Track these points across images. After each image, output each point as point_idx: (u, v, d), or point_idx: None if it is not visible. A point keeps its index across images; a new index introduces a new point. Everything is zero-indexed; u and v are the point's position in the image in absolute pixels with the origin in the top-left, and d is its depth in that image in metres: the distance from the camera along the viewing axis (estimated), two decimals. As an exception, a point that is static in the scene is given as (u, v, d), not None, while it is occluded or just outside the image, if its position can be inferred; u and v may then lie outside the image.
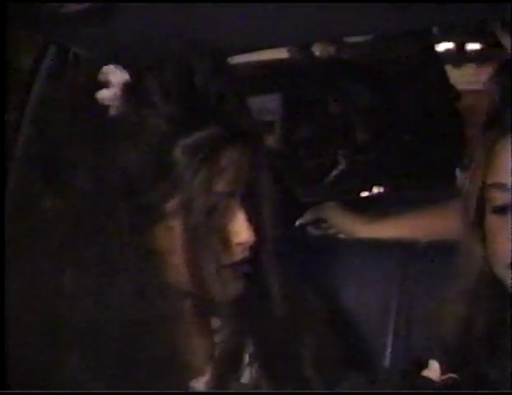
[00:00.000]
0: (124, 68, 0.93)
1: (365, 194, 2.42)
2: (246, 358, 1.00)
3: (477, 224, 0.97)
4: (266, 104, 2.50)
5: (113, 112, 0.92)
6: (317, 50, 2.83)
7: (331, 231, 1.48)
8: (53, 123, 0.95)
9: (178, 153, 0.90)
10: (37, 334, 0.91)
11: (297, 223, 1.52)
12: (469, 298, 0.97)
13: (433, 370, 0.84)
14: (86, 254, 0.90)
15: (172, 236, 0.91)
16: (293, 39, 1.42)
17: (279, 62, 2.64)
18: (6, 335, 0.90)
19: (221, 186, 0.92)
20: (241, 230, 0.94)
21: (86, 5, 1.05)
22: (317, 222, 1.51)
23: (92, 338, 0.89)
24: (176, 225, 0.91)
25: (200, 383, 0.97)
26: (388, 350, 1.28)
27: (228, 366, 0.99)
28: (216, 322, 1.02)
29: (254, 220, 0.96)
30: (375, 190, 2.47)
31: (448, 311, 0.98)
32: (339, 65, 2.90)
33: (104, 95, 0.92)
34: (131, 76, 0.93)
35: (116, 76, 0.93)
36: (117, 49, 0.99)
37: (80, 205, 0.91)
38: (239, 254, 0.95)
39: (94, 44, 1.32)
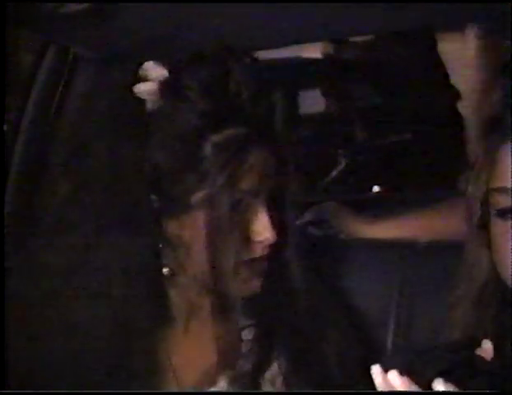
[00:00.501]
0: (163, 65, 0.95)
1: (365, 194, 2.42)
2: (274, 354, 1.02)
3: (482, 228, 0.97)
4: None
5: (149, 106, 0.93)
6: (317, 50, 2.83)
7: (331, 231, 1.48)
8: (86, 114, 0.98)
9: (207, 148, 0.93)
10: (38, 334, 0.91)
11: (297, 223, 1.52)
12: (475, 302, 0.96)
13: (486, 350, 0.83)
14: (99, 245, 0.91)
15: (195, 227, 0.93)
16: (293, 39, 1.42)
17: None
18: (7, 335, 0.91)
19: (246, 184, 0.94)
20: (263, 229, 0.96)
21: (85, 5, 1.05)
22: (317, 222, 1.51)
23: (101, 336, 0.90)
24: (200, 217, 0.93)
25: (227, 379, 0.99)
26: (388, 351, 1.28)
27: (255, 362, 1.00)
28: (242, 321, 1.03)
29: (277, 220, 0.97)
30: (375, 190, 2.47)
31: (453, 315, 0.98)
32: (339, 65, 2.90)
33: (141, 88, 0.94)
34: (169, 72, 0.95)
35: (155, 71, 0.95)
36: (151, 46, 1.01)
37: (99, 193, 0.92)
38: (257, 251, 0.96)
39: (94, 44, 1.32)
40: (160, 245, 0.94)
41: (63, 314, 0.91)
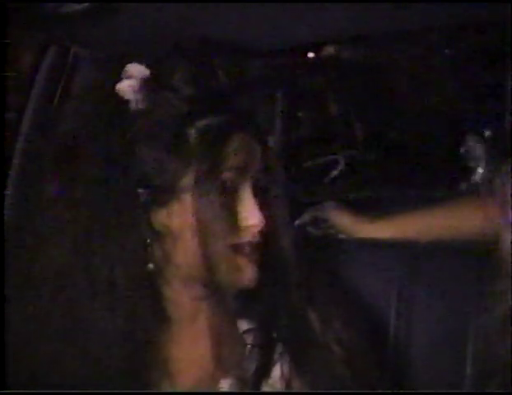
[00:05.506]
0: (145, 61, 0.96)
1: (364, 194, 2.42)
2: (276, 356, 1.01)
3: None
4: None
5: (133, 105, 0.94)
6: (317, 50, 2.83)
7: (331, 231, 1.48)
8: (72, 113, 0.98)
9: (192, 133, 0.93)
10: (38, 334, 0.91)
11: (297, 223, 1.52)
12: None
13: None
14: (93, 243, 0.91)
15: (184, 214, 0.93)
16: (293, 39, 1.43)
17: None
18: (7, 335, 0.91)
19: (231, 163, 0.94)
20: (250, 214, 0.96)
21: (86, 5, 1.05)
22: (317, 222, 1.51)
23: (98, 335, 0.89)
24: (188, 202, 0.93)
25: (230, 383, 0.98)
26: (388, 352, 1.28)
27: (258, 365, 0.99)
28: (243, 325, 1.02)
29: (266, 207, 0.98)
30: (375, 190, 2.47)
31: (495, 315, 0.96)
32: (339, 65, 2.90)
33: (123, 85, 0.94)
34: (151, 66, 0.96)
35: (138, 70, 0.95)
36: (132, 44, 1.01)
37: (89, 192, 0.92)
38: (247, 237, 0.96)
39: (94, 44, 1.32)
40: (148, 240, 0.94)
41: (61, 315, 0.91)
